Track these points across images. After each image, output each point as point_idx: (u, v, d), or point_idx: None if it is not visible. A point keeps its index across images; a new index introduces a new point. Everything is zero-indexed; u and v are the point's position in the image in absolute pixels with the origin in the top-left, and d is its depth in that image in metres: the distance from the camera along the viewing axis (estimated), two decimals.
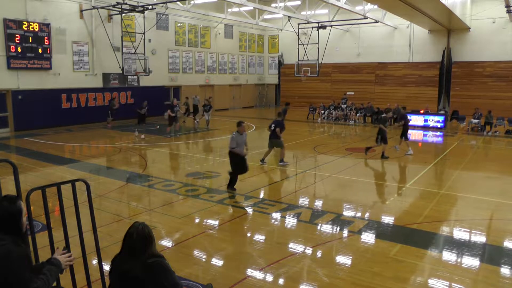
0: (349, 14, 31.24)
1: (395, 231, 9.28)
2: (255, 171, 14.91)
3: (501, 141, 23.12)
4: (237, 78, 40.69)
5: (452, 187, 13.51)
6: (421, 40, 35.64)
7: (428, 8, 24.67)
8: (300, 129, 26.32)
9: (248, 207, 10.50)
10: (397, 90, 35.92)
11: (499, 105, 30.24)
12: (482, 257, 7.93)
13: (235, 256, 7.68)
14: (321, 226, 9.26)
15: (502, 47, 32.13)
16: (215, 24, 36.86)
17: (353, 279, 6.86)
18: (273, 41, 43.63)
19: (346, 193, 12.53)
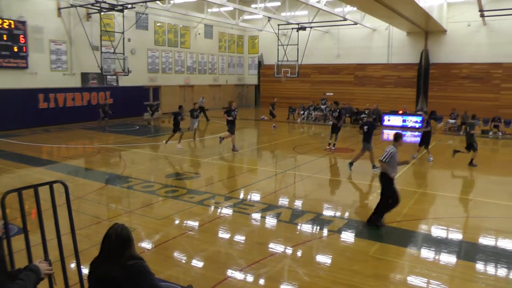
0: (329, 16, 31.43)
1: (374, 230, 9.36)
2: (235, 171, 14.94)
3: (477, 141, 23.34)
4: (217, 79, 40.63)
5: (430, 185, 13.77)
6: (399, 42, 36.09)
7: (406, 10, 24.99)
8: (280, 129, 26.34)
9: (228, 207, 10.47)
10: (376, 91, 36.31)
11: (474, 105, 30.79)
12: (459, 254, 8.14)
13: (215, 257, 7.66)
14: (301, 225, 9.30)
15: (477, 50, 32.81)
16: (195, 24, 36.71)
17: (333, 277, 6.93)
18: (253, 41, 43.67)
19: (325, 193, 12.61)
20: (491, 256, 8.04)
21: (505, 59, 31.87)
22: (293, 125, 29.32)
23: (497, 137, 24.79)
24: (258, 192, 12.21)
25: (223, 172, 14.92)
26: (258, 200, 11.31)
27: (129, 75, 28.21)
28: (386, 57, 36.60)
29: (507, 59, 31.79)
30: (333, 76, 38.78)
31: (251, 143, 22.47)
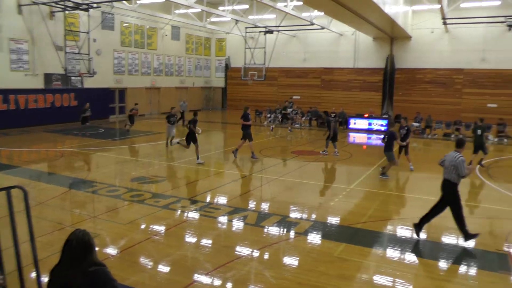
0: (296, 20, 31.63)
1: (340, 231, 9.53)
2: (202, 174, 14.87)
3: (440, 143, 24.29)
4: (184, 81, 40.31)
5: (395, 187, 14.02)
6: (365, 47, 36.75)
7: (372, 17, 25.41)
8: None
9: (194, 211, 10.41)
10: (343, 95, 36.81)
11: (438, 109, 31.92)
12: (423, 253, 8.41)
13: (181, 262, 7.61)
14: (267, 228, 9.32)
15: (440, 56, 34.02)
16: (162, 25, 36.34)
17: (299, 279, 6.98)
18: (220, 44, 43.58)
19: (292, 195, 12.69)
20: (452, 254, 8.36)
21: (466, 65, 33.11)
22: (260, 128, 29.37)
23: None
24: (225, 195, 12.20)
25: (190, 176, 14.83)
26: (225, 203, 11.29)
27: (94, 77, 27.61)
28: (353, 61, 37.16)
29: (468, 65, 33.05)
30: (300, 80, 39.12)
31: (218, 146, 22.44)
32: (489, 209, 11.72)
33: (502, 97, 32.22)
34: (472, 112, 31.21)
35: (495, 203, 12.28)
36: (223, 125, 32.26)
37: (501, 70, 32.21)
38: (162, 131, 23.69)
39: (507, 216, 10.97)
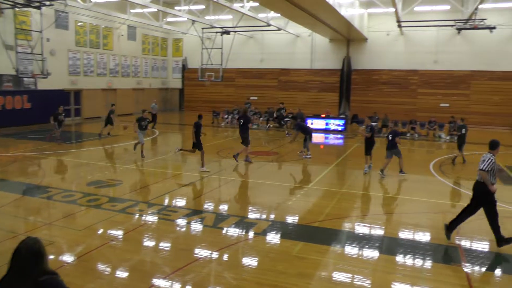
0: (253, 21, 31.78)
1: (298, 230, 9.72)
2: (159, 177, 14.79)
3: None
4: (140, 82, 39.77)
5: (352, 185, 14.34)
6: (322, 48, 37.32)
7: (329, 19, 25.81)
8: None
9: (152, 214, 10.35)
10: (300, 95, 37.22)
11: (394, 109, 32.84)
12: (380, 249, 8.66)
13: (139, 266, 7.56)
14: (225, 229, 9.39)
15: (396, 57, 35.12)
16: (118, 25, 35.68)
17: (258, 279, 7.07)
18: (177, 44, 43.27)
19: (250, 196, 12.83)
20: (408, 248, 8.64)
21: (420, 66, 34.36)
22: (217, 129, 29.38)
23: (414, 138, 26.24)
24: (182, 198, 12.18)
25: (147, 178, 14.71)
26: (182, 206, 11.30)
27: (48, 78, 26.87)
28: (310, 62, 37.66)
29: (422, 67, 34.33)
30: (257, 81, 39.31)
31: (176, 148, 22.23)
32: (442, 204, 12.20)
33: (453, 97, 33.61)
34: (426, 111, 32.36)
35: (447, 198, 12.82)
36: (180, 126, 32.06)
37: (452, 71, 33.70)
38: (119, 133, 23.41)
39: (458, 211, 11.38)
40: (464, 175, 16.33)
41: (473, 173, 16.54)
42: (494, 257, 8.48)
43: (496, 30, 26.18)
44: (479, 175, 8.60)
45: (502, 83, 32.57)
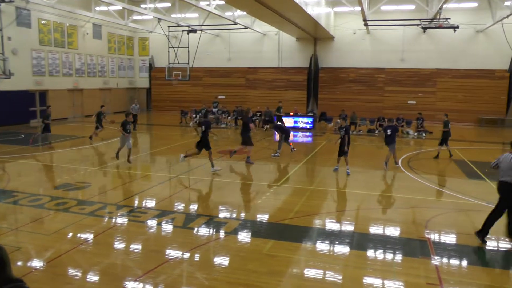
0: (220, 19, 31.70)
1: (268, 228, 9.80)
2: (128, 178, 14.64)
3: (364, 139, 25.43)
4: (107, 82, 39.13)
5: (321, 183, 14.50)
6: (289, 47, 37.61)
7: (295, 17, 25.97)
8: (172, 133, 26.24)
9: (121, 216, 10.26)
10: (268, 94, 37.41)
11: (361, 106, 33.40)
12: (351, 244, 8.81)
13: (110, 269, 7.49)
14: (195, 229, 9.40)
15: (363, 56, 35.78)
16: (83, 23, 34.97)
17: (229, 278, 7.12)
18: (143, 43, 42.79)
19: (219, 195, 12.82)
20: (379, 243, 8.86)
21: (387, 64, 35.06)
22: (186, 129, 29.22)
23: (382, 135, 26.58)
24: (152, 199, 12.08)
25: (116, 180, 14.53)
26: (152, 207, 11.22)
27: (11, 78, 26.07)
28: (277, 61, 37.88)
29: (389, 65, 35.05)
30: (224, 79, 39.31)
31: (144, 148, 22.10)
32: (411, 199, 12.46)
33: (420, 94, 34.46)
34: (393, 108, 33.02)
35: (416, 193, 13.09)
36: (148, 127, 31.75)
37: (418, 69, 34.59)
38: (87, 134, 22.97)
39: (427, 205, 11.79)
40: (431, 170, 16.76)
41: (441, 168, 17.16)
42: (462, 249, 8.76)
43: (459, 29, 27.00)
44: (503, 176, 8.84)
45: (465, 81, 33.66)
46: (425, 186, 14.09)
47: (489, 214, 8.99)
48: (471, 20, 32.33)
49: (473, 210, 11.38)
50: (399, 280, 7.25)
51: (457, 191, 13.07)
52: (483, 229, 8.92)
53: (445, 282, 7.18)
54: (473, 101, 33.17)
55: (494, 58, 33.03)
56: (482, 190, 13.66)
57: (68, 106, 33.61)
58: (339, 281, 7.18)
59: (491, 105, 32.85)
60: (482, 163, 17.77)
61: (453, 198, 12.43)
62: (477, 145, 21.09)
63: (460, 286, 7.14)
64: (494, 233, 9.49)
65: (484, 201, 11.99)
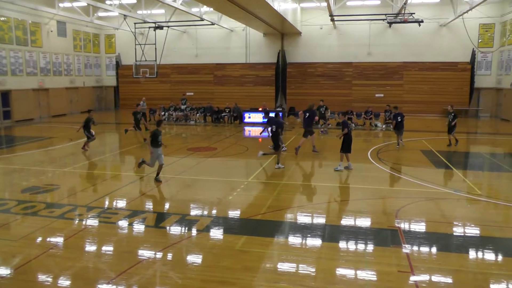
0: (186, 16, 31.54)
1: (240, 224, 9.86)
2: (98, 179, 14.44)
3: (334, 132, 25.43)
4: (74, 81, 38.32)
5: (292, 176, 14.62)
6: (257, 43, 37.69)
7: (262, 13, 26.01)
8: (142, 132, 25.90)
9: (92, 218, 10.10)
10: (236, 90, 37.45)
11: (330, 100, 33.54)
12: (322, 237, 8.96)
13: (82, 273, 7.36)
14: (167, 228, 9.37)
15: (330, 50, 36.32)
16: (46, 20, 34.05)
17: (203, 276, 7.12)
18: (109, 40, 42.15)
19: (190, 193, 12.74)
20: (350, 234, 9.05)
21: (354, 59, 35.66)
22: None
23: (351, 128, 26.82)
24: (122, 199, 11.93)
25: (85, 181, 14.26)
26: (123, 207, 11.09)
27: None
28: (244, 57, 37.90)
29: (356, 59, 35.68)
30: (192, 76, 39.14)
31: (113, 148, 21.83)
32: (381, 190, 12.73)
33: (387, 87, 35.14)
34: (362, 102, 33.55)
35: (386, 184, 13.36)
36: (117, 126, 31.37)
37: (385, 63, 35.32)
38: (55, 135, 22.54)
39: (396, 195, 12.06)
40: (400, 161, 17.06)
41: (410, 159, 17.49)
42: (431, 237, 9.05)
43: (423, 23, 27.75)
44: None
45: (430, 73, 34.57)
46: (394, 176, 14.38)
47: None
48: (435, 14, 33.19)
49: (442, 198, 11.71)
50: (371, 269, 7.41)
51: (425, 181, 13.36)
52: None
53: (416, 269, 7.38)
54: (438, 93, 33.99)
55: (457, 51, 34.05)
56: (449, 178, 14.10)
57: (34, 106, 32.82)
58: (312, 274, 7.27)
59: (455, 96, 33.68)
60: (449, 153, 18.23)
61: (422, 188, 12.70)
62: (443, 135, 21.54)
63: (431, 272, 7.34)
64: (462, 219, 9.85)
65: (452, 189, 12.41)
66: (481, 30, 33.84)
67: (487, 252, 8.31)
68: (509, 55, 31.80)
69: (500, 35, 33.40)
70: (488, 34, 33.90)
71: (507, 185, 13.91)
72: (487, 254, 8.23)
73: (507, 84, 31.60)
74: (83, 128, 18.74)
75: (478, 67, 34.39)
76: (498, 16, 33.19)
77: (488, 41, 34.02)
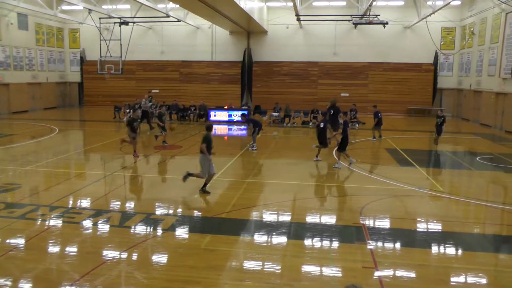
0: (152, 12, 31.19)
1: (205, 223, 9.86)
2: (61, 178, 14.16)
3: (299, 131, 25.93)
4: (36, 76, 37.33)
5: (257, 175, 14.76)
6: (223, 40, 37.75)
7: (228, 11, 26.00)
8: (106, 129, 25.59)
9: (55, 218, 9.87)
10: (202, 88, 37.39)
11: (295, 99, 34.08)
12: (288, 234, 9.04)
13: (44, 275, 7.16)
14: (132, 228, 9.26)
15: (296, 50, 36.70)
16: (6, 12, 32.93)
17: (168, 276, 7.09)
18: (74, 35, 41.28)
19: (155, 192, 12.67)
20: (316, 232, 9.18)
21: (320, 58, 36.10)
22: (120, 124, 28.55)
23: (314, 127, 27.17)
24: (87, 198, 11.73)
25: (48, 180, 13.93)
26: (87, 207, 10.90)
27: None
28: (211, 54, 37.88)
29: (322, 59, 36.12)
30: (158, 73, 38.87)
31: (77, 146, 21.40)
32: (346, 187, 13.04)
33: (352, 87, 35.74)
34: (327, 101, 33.26)
35: (351, 181, 13.58)
36: (81, 123, 30.82)
37: (350, 63, 35.94)
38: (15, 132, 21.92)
39: (361, 193, 12.27)
40: (365, 159, 17.36)
41: (375, 157, 17.79)
42: (395, 233, 9.29)
43: (388, 25, 28.30)
44: None
45: (395, 74, 35.39)
46: (359, 174, 14.60)
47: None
48: (399, 17, 33.97)
49: (405, 195, 12.02)
50: (336, 266, 7.54)
51: (390, 178, 13.66)
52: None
53: (380, 265, 7.56)
54: (403, 93, 34.78)
55: (421, 52, 34.94)
56: (413, 176, 14.44)
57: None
58: (278, 271, 7.33)
59: (418, 96, 34.57)
60: (412, 151, 18.61)
61: (386, 185, 12.98)
62: (407, 134, 22.11)
63: (394, 267, 7.53)
64: (424, 215, 10.10)
65: (416, 187, 12.70)
66: (443, 33, 34.87)
67: (448, 246, 8.63)
68: (468, 58, 32.85)
69: (460, 38, 34.43)
70: (450, 37, 34.96)
71: (467, 182, 14.48)
72: (448, 248, 8.55)
73: (467, 85, 32.60)
74: (130, 129, 17.04)
75: (440, 69, 35.45)
76: (458, 20, 34.28)
77: (450, 44, 35.06)
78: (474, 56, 31.78)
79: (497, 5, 26.94)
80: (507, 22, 26.07)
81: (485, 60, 29.62)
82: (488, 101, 28.69)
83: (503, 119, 26.75)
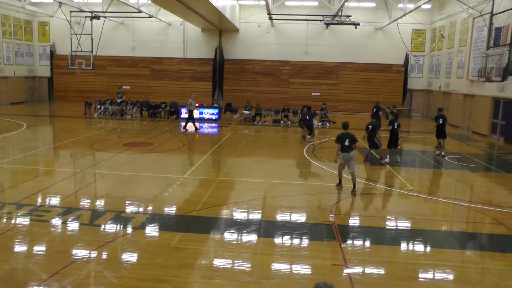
0: (124, 6, 30.88)
1: (176, 221, 9.85)
2: (29, 174, 13.91)
3: (270, 129, 26.02)
4: (3, 69, 36.37)
5: (228, 173, 14.76)
6: (194, 38, 37.69)
7: (200, 8, 25.95)
8: (76, 125, 25.21)
9: (22, 216, 9.70)
10: (173, 85, 37.21)
11: (267, 98, 34.23)
12: (258, 232, 9.10)
13: (10, 276, 7.00)
14: (102, 226, 9.18)
15: (268, 48, 36.95)
16: None
17: (138, 275, 7.05)
18: (43, 28, 40.42)
19: (126, 189, 12.58)
20: (286, 230, 9.26)
21: (291, 57, 36.33)
22: (90, 120, 28.19)
23: (287, 125, 27.41)
24: (56, 196, 11.53)
25: (15, 177, 13.64)
26: (57, 205, 10.72)
27: None
28: (182, 51, 37.77)
29: (293, 58, 36.39)
30: (129, 69, 38.51)
31: (47, 142, 21.05)
32: (316, 186, 13.11)
33: (323, 86, 36.08)
34: (298, 100, 34.14)
35: (321, 180, 13.70)
36: (51, 118, 30.27)
37: (321, 62, 36.31)
38: None
39: (331, 191, 12.38)
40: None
41: None
42: (365, 230, 9.50)
43: (360, 26, 28.71)
44: None
45: (366, 74, 35.92)
46: (329, 173, 14.72)
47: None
48: (371, 18, 34.55)
49: (375, 193, 12.19)
50: (306, 263, 7.65)
51: (360, 177, 13.76)
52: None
53: (350, 262, 7.69)
54: (373, 93, 35.22)
55: (392, 54, 35.53)
56: (382, 174, 14.65)
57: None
58: (248, 269, 7.39)
59: (389, 96, 35.06)
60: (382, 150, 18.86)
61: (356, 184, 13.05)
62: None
63: (364, 264, 7.69)
64: (394, 213, 10.31)
65: (385, 185, 12.92)
66: (414, 35, 35.56)
67: (416, 243, 8.85)
68: (438, 60, 33.57)
69: (430, 41, 35.14)
70: (420, 39, 35.67)
71: (435, 181, 14.92)
72: (416, 245, 8.76)
73: (436, 86, 33.30)
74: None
75: (411, 70, 36.17)
76: (428, 23, 35.01)
77: (420, 46, 35.77)
78: (444, 58, 32.50)
79: (465, 10, 27.61)
80: (474, 27, 26.74)
81: (454, 62, 30.31)
82: (457, 103, 29.36)
83: (470, 120, 27.41)
